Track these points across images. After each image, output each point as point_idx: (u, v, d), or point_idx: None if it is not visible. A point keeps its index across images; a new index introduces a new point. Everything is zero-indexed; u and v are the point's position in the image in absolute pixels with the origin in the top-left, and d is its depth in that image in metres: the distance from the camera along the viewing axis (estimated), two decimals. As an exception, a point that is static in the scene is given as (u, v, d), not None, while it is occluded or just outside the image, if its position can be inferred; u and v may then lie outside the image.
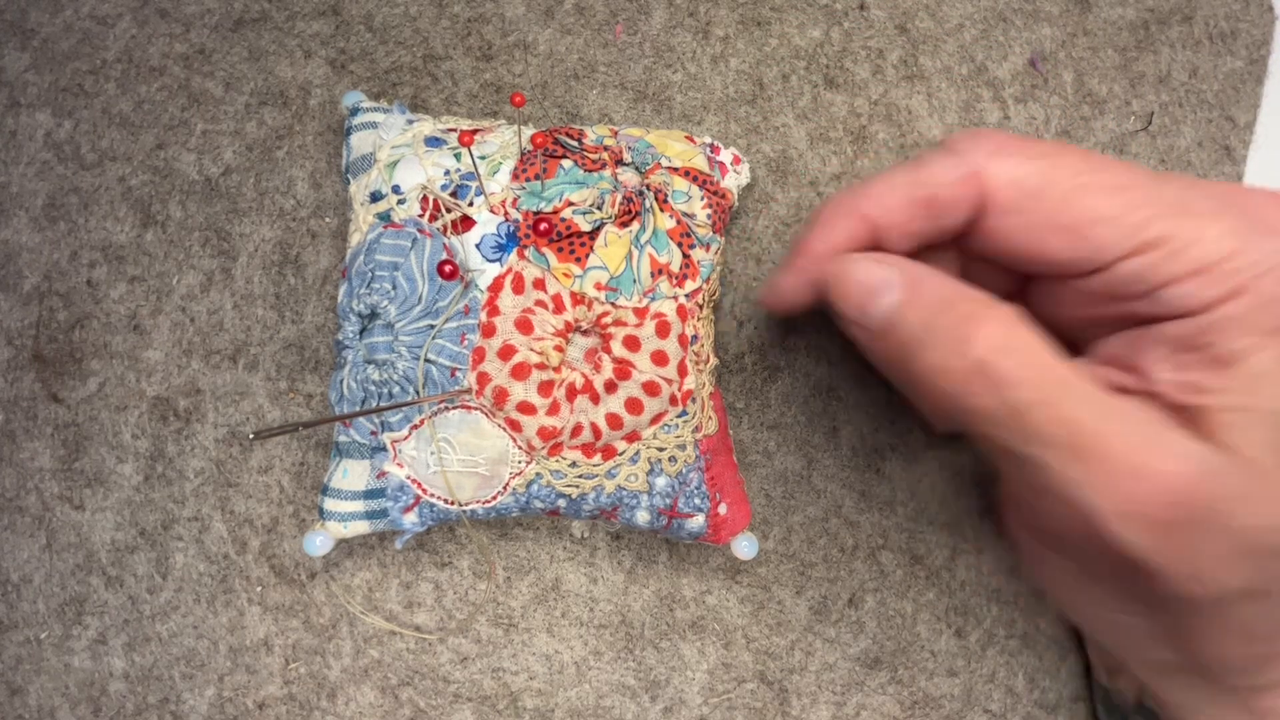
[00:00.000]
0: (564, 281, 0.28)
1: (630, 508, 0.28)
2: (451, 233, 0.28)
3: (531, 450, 0.28)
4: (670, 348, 0.28)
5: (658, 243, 0.28)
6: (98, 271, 0.33)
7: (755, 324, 0.33)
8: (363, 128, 0.30)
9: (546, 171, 0.28)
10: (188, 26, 0.34)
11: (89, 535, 0.32)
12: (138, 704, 0.32)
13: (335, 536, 0.29)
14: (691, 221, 0.29)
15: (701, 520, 0.29)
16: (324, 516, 0.29)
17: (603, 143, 0.30)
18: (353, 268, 0.28)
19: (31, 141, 0.33)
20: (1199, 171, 0.35)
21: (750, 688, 0.32)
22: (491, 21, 0.34)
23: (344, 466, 0.29)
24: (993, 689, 0.33)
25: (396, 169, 0.29)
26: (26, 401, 0.32)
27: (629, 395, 0.28)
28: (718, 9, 0.34)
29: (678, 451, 0.29)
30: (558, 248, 0.28)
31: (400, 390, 0.27)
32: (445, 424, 0.28)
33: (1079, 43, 0.35)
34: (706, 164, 0.30)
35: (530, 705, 0.32)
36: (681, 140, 0.31)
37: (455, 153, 0.29)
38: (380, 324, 0.28)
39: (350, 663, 0.32)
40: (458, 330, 0.28)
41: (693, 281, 0.29)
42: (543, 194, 0.28)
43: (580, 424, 0.28)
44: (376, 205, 0.29)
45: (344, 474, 0.29)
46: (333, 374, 0.29)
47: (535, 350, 0.27)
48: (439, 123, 0.30)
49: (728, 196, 0.30)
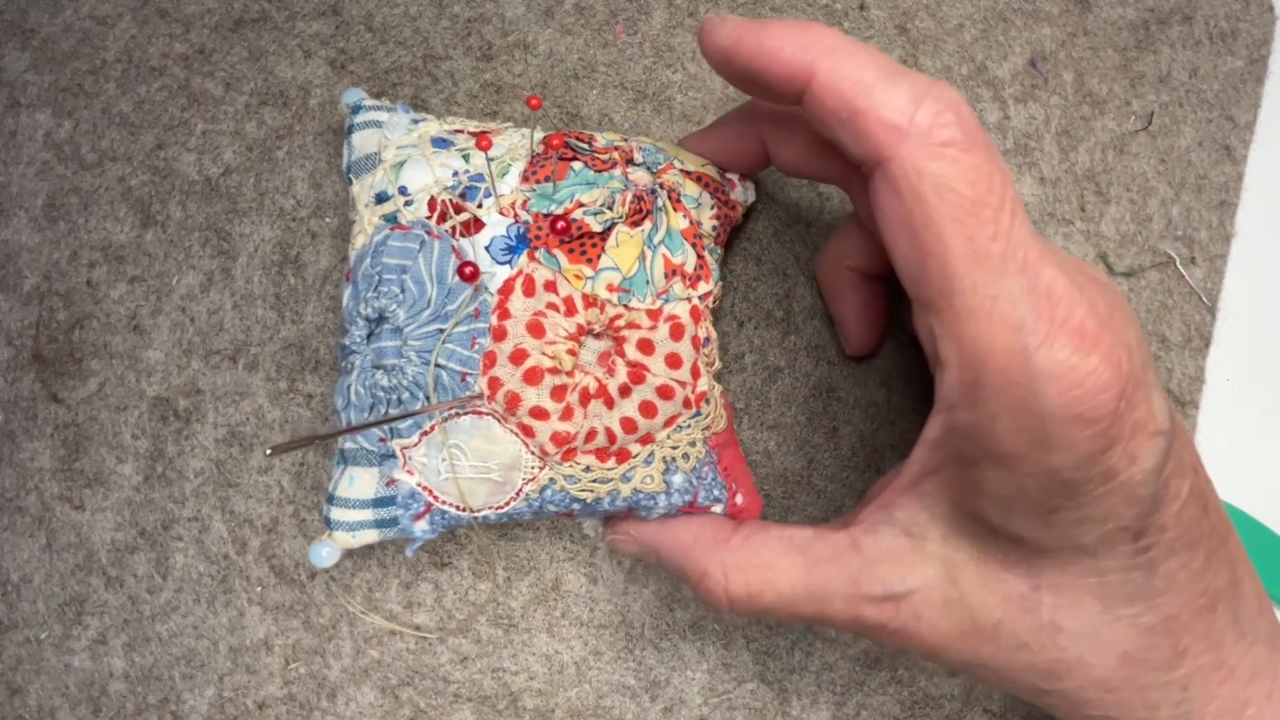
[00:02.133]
0: (575, 283, 0.27)
1: (648, 509, 0.28)
2: (460, 235, 0.28)
3: (545, 455, 0.27)
4: (684, 350, 0.28)
5: (671, 243, 0.28)
6: (98, 271, 0.33)
7: (755, 324, 0.33)
8: (365, 126, 0.29)
9: (557, 173, 0.28)
10: (188, 26, 0.34)
11: (89, 535, 0.32)
12: (138, 704, 0.32)
13: (343, 547, 0.28)
14: (699, 229, 0.29)
15: (721, 510, 0.29)
16: (331, 527, 0.28)
17: (613, 144, 0.29)
18: (358, 271, 0.28)
19: (31, 141, 0.33)
20: (1199, 171, 0.35)
21: (750, 688, 0.32)
22: (491, 21, 0.34)
23: (350, 474, 0.28)
24: (993, 689, 0.33)
25: (403, 170, 0.28)
26: (26, 401, 0.32)
27: (643, 399, 0.27)
28: (718, 9, 0.34)
29: (690, 449, 0.28)
30: (569, 249, 0.28)
31: (410, 396, 0.27)
32: (456, 430, 0.27)
33: (1079, 43, 0.35)
34: (718, 173, 0.30)
35: (530, 705, 0.32)
36: (693, 154, 0.31)
37: (463, 154, 0.29)
38: (388, 328, 0.27)
39: (350, 663, 0.32)
40: (468, 334, 0.27)
41: (706, 283, 0.28)
42: (553, 196, 0.28)
43: (594, 429, 0.27)
44: (382, 207, 0.28)
45: (350, 482, 0.28)
46: (339, 379, 0.28)
47: (548, 354, 0.27)
48: (444, 123, 0.30)
49: (737, 209, 0.30)
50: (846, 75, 0.22)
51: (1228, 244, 0.35)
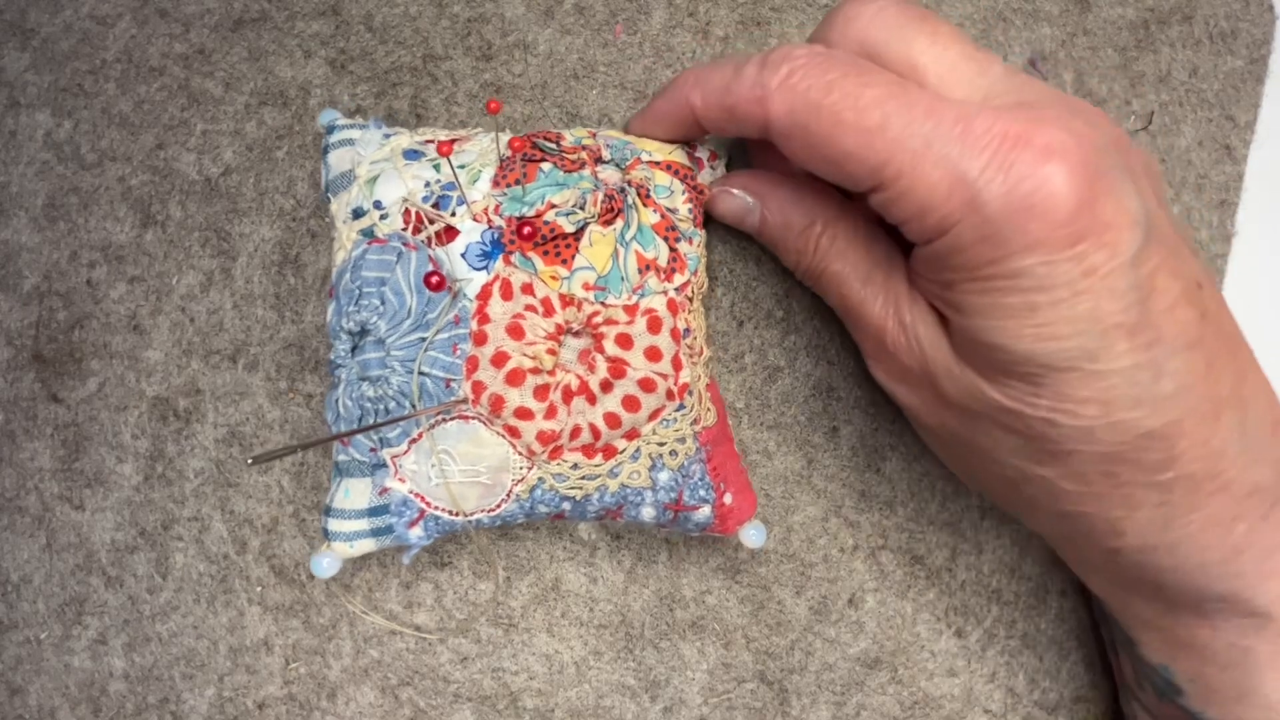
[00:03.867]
0: (552, 284, 0.28)
1: (635, 505, 0.28)
2: (436, 244, 0.28)
3: (532, 455, 0.28)
4: (663, 343, 0.28)
5: (643, 238, 0.29)
6: (98, 271, 0.33)
7: (755, 324, 0.33)
8: (339, 145, 0.30)
9: (526, 176, 0.28)
10: (187, 26, 0.34)
11: (89, 535, 0.32)
12: (138, 704, 0.32)
13: (343, 557, 0.29)
14: (674, 216, 0.29)
15: (708, 511, 0.29)
16: (329, 538, 0.28)
17: (581, 143, 0.30)
18: (339, 286, 0.28)
19: (31, 141, 0.33)
20: (1200, 171, 0.35)
21: (750, 688, 0.32)
22: (491, 21, 0.34)
23: (345, 486, 0.29)
24: (993, 689, 0.33)
25: (377, 184, 0.29)
26: (26, 401, 0.32)
27: (625, 393, 0.28)
28: (718, 9, 0.34)
29: (678, 445, 0.29)
30: (543, 251, 0.28)
31: (396, 405, 0.27)
32: (444, 435, 0.27)
33: (1079, 42, 0.35)
34: (686, 157, 0.31)
35: (530, 705, 0.32)
36: (658, 142, 0.31)
37: (434, 164, 0.29)
38: (371, 340, 0.28)
39: (350, 663, 0.32)
40: (449, 341, 0.28)
41: (681, 275, 0.29)
42: (524, 198, 0.28)
43: (579, 425, 0.28)
44: (359, 222, 0.29)
45: (345, 494, 0.28)
46: (327, 394, 0.29)
47: (528, 355, 0.27)
48: (416, 135, 0.30)
49: (706, 192, 0.31)
50: (711, 88, 0.27)
51: (1228, 243, 0.35)
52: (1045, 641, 0.33)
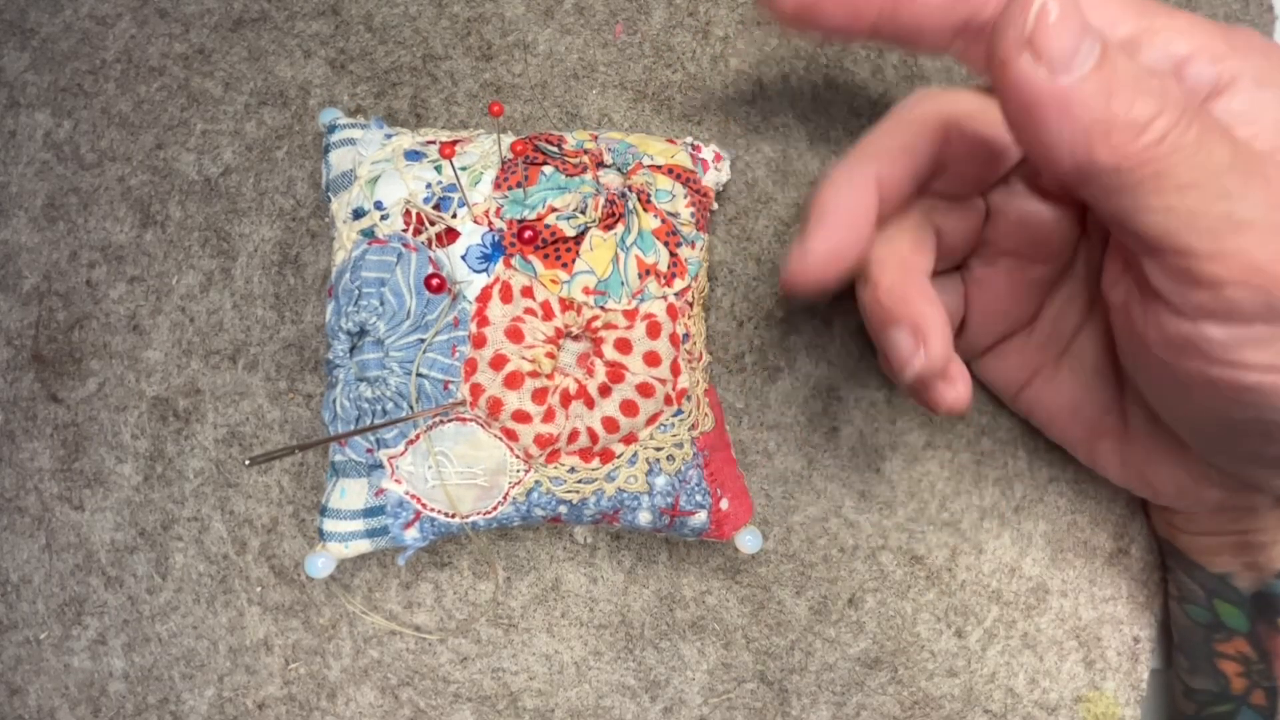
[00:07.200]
0: (551, 288, 0.28)
1: (632, 509, 0.28)
2: (436, 245, 0.28)
3: (529, 458, 0.28)
4: (662, 348, 0.28)
5: (643, 243, 0.29)
6: (97, 271, 0.33)
7: (755, 324, 0.33)
8: (340, 145, 0.30)
9: (528, 179, 0.28)
10: (187, 26, 0.34)
11: (89, 535, 0.32)
12: (137, 704, 0.32)
13: (337, 557, 0.29)
14: (676, 220, 0.29)
15: (704, 516, 0.29)
16: (324, 538, 0.28)
17: (583, 146, 0.30)
18: (339, 286, 0.28)
19: (31, 141, 0.33)
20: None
21: (750, 688, 0.32)
22: (491, 21, 0.34)
23: (341, 486, 0.29)
24: (993, 689, 0.33)
25: (377, 184, 0.29)
26: (26, 401, 0.32)
27: (623, 398, 0.28)
28: (718, 9, 0.34)
29: (675, 450, 0.29)
30: (544, 254, 0.28)
31: (394, 406, 0.27)
32: (441, 437, 0.27)
33: (1079, 42, 0.35)
34: (689, 160, 0.30)
35: (530, 705, 0.32)
36: (662, 141, 0.31)
37: (436, 165, 0.29)
38: (370, 341, 0.28)
39: (350, 663, 0.32)
40: (448, 343, 0.28)
41: (681, 280, 0.29)
42: (525, 201, 0.28)
43: (576, 429, 0.28)
44: (359, 222, 0.29)
45: (341, 494, 0.28)
46: (325, 394, 0.29)
47: (527, 358, 0.27)
48: (417, 135, 0.30)
49: (709, 194, 0.31)
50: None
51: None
52: (1045, 641, 0.33)
